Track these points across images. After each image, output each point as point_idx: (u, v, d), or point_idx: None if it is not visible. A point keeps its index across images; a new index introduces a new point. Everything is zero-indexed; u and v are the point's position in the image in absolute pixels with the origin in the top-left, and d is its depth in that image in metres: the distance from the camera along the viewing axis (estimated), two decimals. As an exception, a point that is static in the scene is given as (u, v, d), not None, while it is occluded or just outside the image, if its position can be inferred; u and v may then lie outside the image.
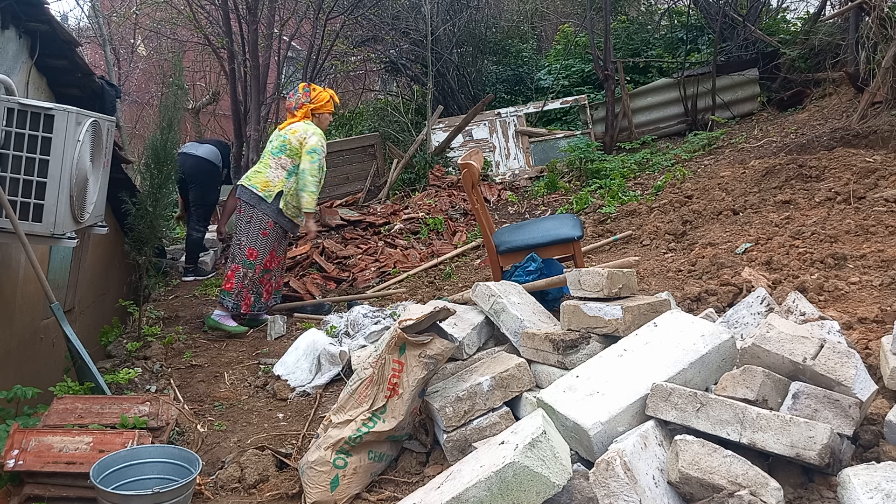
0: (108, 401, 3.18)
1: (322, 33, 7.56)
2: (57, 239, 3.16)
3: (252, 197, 4.83)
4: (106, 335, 4.64)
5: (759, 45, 9.26)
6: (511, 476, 2.10)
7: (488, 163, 8.68)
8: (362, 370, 2.91)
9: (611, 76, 8.90)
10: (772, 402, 2.24)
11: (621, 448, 2.09)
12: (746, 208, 5.12)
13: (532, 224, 4.53)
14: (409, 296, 5.15)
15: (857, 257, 3.78)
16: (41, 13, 3.42)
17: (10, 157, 3.02)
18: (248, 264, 4.82)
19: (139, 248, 4.33)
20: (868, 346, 2.76)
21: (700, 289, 3.71)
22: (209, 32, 7.40)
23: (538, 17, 12.99)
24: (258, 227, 4.83)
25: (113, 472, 2.65)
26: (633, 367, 2.50)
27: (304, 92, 4.97)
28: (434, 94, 9.46)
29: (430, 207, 7.30)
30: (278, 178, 4.84)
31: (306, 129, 4.86)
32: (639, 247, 5.16)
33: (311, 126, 4.90)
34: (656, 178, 7.16)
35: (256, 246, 4.84)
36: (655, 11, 11.96)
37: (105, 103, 4.19)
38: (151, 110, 12.44)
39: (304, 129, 4.86)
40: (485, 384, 2.85)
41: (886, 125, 6.04)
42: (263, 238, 4.83)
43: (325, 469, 2.78)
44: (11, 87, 3.16)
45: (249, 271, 4.83)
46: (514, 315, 3.23)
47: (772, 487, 1.96)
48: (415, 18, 9.89)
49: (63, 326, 3.37)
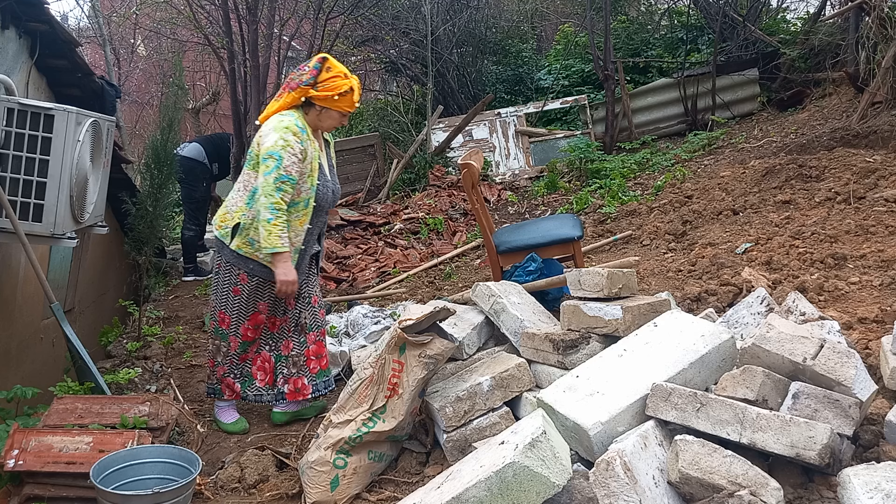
0: (108, 401, 3.17)
1: (322, 33, 7.56)
2: (57, 239, 3.16)
3: (216, 240, 3.40)
4: (106, 335, 4.64)
5: (759, 45, 9.26)
6: (511, 476, 2.10)
7: (488, 163, 8.69)
8: (362, 370, 2.91)
9: (611, 76, 8.90)
10: (772, 402, 2.24)
11: (621, 448, 2.09)
12: (746, 208, 5.12)
13: (532, 224, 4.53)
14: (409, 296, 5.15)
15: (857, 257, 3.78)
16: (41, 13, 3.42)
17: (10, 157, 3.02)
18: (220, 334, 3.40)
19: (139, 248, 4.32)
20: (868, 346, 2.76)
21: (700, 289, 3.71)
22: (209, 32, 7.40)
23: (538, 17, 12.99)
24: (227, 283, 3.33)
25: (113, 472, 2.65)
26: (633, 367, 2.50)
27: (313, 68, 3.25)
28: (434, 94, 9.46)
29: (430, 207, 7.30)
30: (237, 205, 3.30)
31: (269, 123, 3.24)
32: (639, 247, 5.16)
33: (277, 117, 3.23)
34: (656, 178, 7.16)
35: (228, 309, 3.35)
36: (655, 11, 11.96)
37: (105, 103, 4.19)
38: (151, 110, 12.44)
39: (268, 123, 3.25)
40: (485, 384, 2.85)
41: (886, 125, 6.04)
42: (235, 297, 3.33)
43: (325, 469, 2.78)
44: (11, 87, 3.15)
45: (223, 344, 3.41)
46: (514, 315, 3.23)
47: (772, 487, 1.96)
48: (415, 18, 9.89)
49: (63, 326, 3.37)
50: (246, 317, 3.35)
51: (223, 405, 3.51)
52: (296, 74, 3.29)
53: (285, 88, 3.30)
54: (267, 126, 3.22)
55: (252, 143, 3.33)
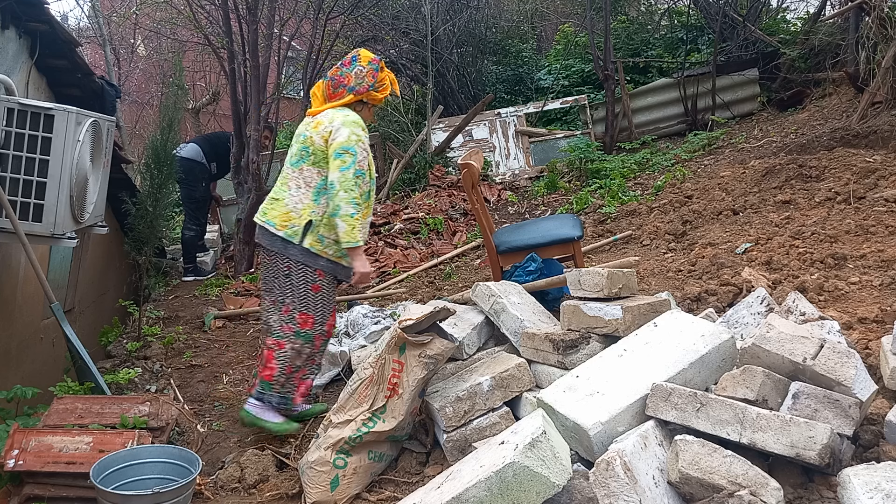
0: (108, 401, 3.18)
1: (322, 33, 7.55)
2: (57, 239, 3.16)
3: (272, 240, 3.27)
4: (106, 335, 4.64)
5: (759, 45, 9.26)
6: (511, 476, 2.10)
7: (488, 163, 8.68)
8: (362, 370, 2.91)
9: (611, 76, 8.90)
10: (772, 402, 2.24)
11: (621, 448, 2.09)
12: (746, 208, 5.12)
13: (532, 224, 4.53)
14: (409, 296, 5.15)
15: (857, 257, 3.78)
16: (41, 13, 3.42)
17: (10, 157, 3.02)
18: (303, 336, 3.29)
19: (139, 248, 4.32)
20: (868, 346, 2.76)
21: (700, 289, 3.71)
22: (209, 32, 7.39)
23: (538, 17, 12.99)
24: (305, 282, 3.26)
25: (113, 472, 2.65)
26: (633, 367, 2.50)
27: (373, 69, 3.30)
28: (434, 94, 9.46)
29: (430, 207, 7.30)
30: (302, 202, 3.24)
31: (333, 118, 3.22)
32: (639, 247, 5.16)
33: (341, 112, 3.24)
34: (656, 178, 7.16)
35: (311, 308, 3.28)
36: (655, 11, 11.96)
37: (105, 103, 4.19)
38: (151, 110, 12.43)
39: (329, 119, 3.23)
40: (485, 384, 2.85)
41: (886, 125, 6.04)
42: (317, 295, 3.28)
43: (325, 469, 2.78)
44: (11, 87, 3.16)
45: (307, 346, 3.31)
46: (514, 315, 3.22)
47: (772, 487, 1.96)
48: (415, 18, 9.89)
49: (63, 326, 3.37)
50: (330, 312, 3.36)
51: (267, 407, 3.33)
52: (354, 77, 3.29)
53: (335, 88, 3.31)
54: (333, 121, 3.21)
55: (305, 136, 3.27)
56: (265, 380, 3.30)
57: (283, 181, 3.33)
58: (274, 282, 3.30)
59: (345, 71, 3.31)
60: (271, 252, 3.28)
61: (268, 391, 3.29)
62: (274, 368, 3.27)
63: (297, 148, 3.31)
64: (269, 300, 3.34)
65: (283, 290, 3.28)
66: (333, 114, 3.24)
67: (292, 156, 3.33)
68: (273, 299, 3.32)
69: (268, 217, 3.29)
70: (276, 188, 3.36)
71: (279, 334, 3.28)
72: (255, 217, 3.36)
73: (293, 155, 3.32)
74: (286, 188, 3.29)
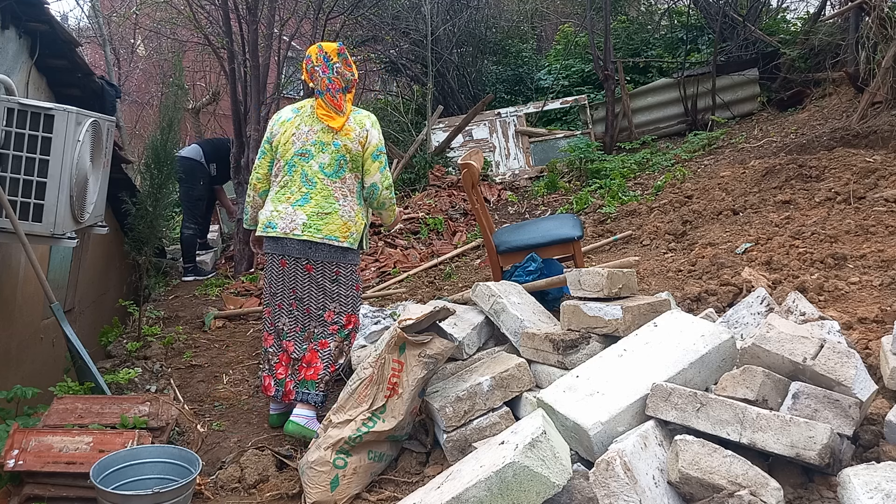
0: (108, 401, 3.17)
1: (322, 33, 7.55)
2: (57, 239, 3.16)
3: (331, 252, 3.31)
4: (106, 335, 4.64)
5: (759, 45, 9.27)
6: (511, 476, 2.10)
7: (488, 163, 8.69)
8: (362, 370, 2.91)
9: (611, 76, 8.90)
10: (772, 402, 2.24)
11: (621, 448, 2.09)
12: (746, 208, 5.12)
13: (532, 224, 4.53)
14: (409, 296, 5.15)
15: (857, 257, 3.78)
16: (41, 13, 3.42)
17: (10, 157, 3.02)
18: (345, 335, 3.43)
19: (139, 248, 4.32)
20: (868, 346, 2.76)
21: (700, 289, 3.71)
22: (209, 32, 7.39)
23: (538, 17, 13.00)
24: (351, 283, 3.41)
25: (113, 472, 2.65)
26: (633, 367, 2.50)
27: (343, 58, 3.37)
28: (434, 94, 9.46)
29: (430, 207, 7.30)
30: (353, 209, 3.34)
31: (361, 121, 3.35)
32: (639, 247, 5.16)
33: (362, 114, 3.40)
34: (656, 178, 7.17)
35: (353, 307, 3.44)
36: (655, 11, 11.97)
37: (105, 103, 4.19)
38: (151, 110, 12.43)
39: (358, 122, 3.35)
40: (485, 384, 2.85)
41: (886, 125, 6.04)
42: (357, 294, 3.47)
43: (325, 469, 2.78)
44: (11, 87, 3.16)
45: (345, 344, 3.44)
46: (514, 315, 3.22)
47: (772, 487, 1.96)
48: (415, 18, 9.89)
49: (63, 326, 3.37)
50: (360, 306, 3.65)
51: (310, 414, 3.31)
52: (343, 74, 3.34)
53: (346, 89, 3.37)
54: (363, 125, 3.34)
55: (337, 145, 3.28)
56: (309, 379, 3.33)
57: (326, 194, 3.28)
58: (312, 289, 3.35)
59: (342, 71, 3.36)
60: (325, 264, 3.32)
61: (312, 390, 3.33)
62: (319, 367, 3.33)
63: (330, 158, 3.28)
64: (301, 309, 3.38)
65: (328, 296, 3.37)
66: (360, 118, 3.36)
67: (325, 166, 3.28)
68: (308, 307, 3.37)
69: (325, 232, 3.26)
70: (319, 202, 3.27)
71: (326, 334, 3.38)
72: (305, 236, 3.26)
73: (326, 165, 3.28)
74: (333, 200, 3.28)
